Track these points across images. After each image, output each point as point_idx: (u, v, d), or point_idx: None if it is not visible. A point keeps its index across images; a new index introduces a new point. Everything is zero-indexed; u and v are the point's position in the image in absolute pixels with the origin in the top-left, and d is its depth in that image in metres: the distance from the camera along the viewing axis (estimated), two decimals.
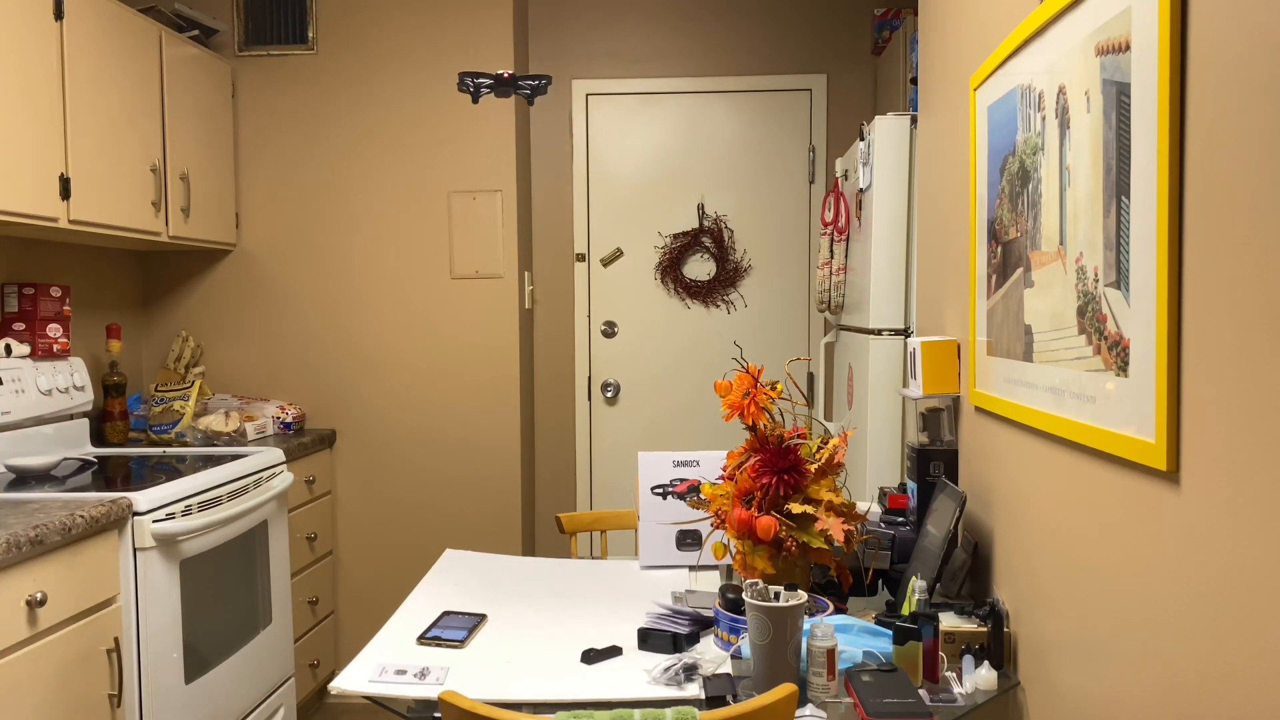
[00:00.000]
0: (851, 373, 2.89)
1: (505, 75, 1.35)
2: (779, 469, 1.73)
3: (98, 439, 3.14)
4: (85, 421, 3.03)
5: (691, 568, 2.07)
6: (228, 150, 3.49)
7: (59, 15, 2.53)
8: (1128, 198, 1.09)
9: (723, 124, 3.93)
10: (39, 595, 1.93)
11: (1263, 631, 0.84)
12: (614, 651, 1.61)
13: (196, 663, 2.49)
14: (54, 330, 2.86)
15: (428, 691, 1.46)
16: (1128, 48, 1.09)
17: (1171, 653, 1.01)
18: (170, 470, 2.63)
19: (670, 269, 3.95)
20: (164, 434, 3.20)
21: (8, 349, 2.70)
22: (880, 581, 1.88)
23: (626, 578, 2.06)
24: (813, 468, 1.76)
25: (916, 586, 1.60)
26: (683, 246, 3.94)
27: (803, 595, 1.47)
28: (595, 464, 4.03)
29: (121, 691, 2.18)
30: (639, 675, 1.52)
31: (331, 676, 3.56)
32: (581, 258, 3.98)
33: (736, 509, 1.73)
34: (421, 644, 1.66)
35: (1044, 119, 1.40)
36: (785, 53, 3.88)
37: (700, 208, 3.94)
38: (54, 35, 2.52)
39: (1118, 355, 1.12)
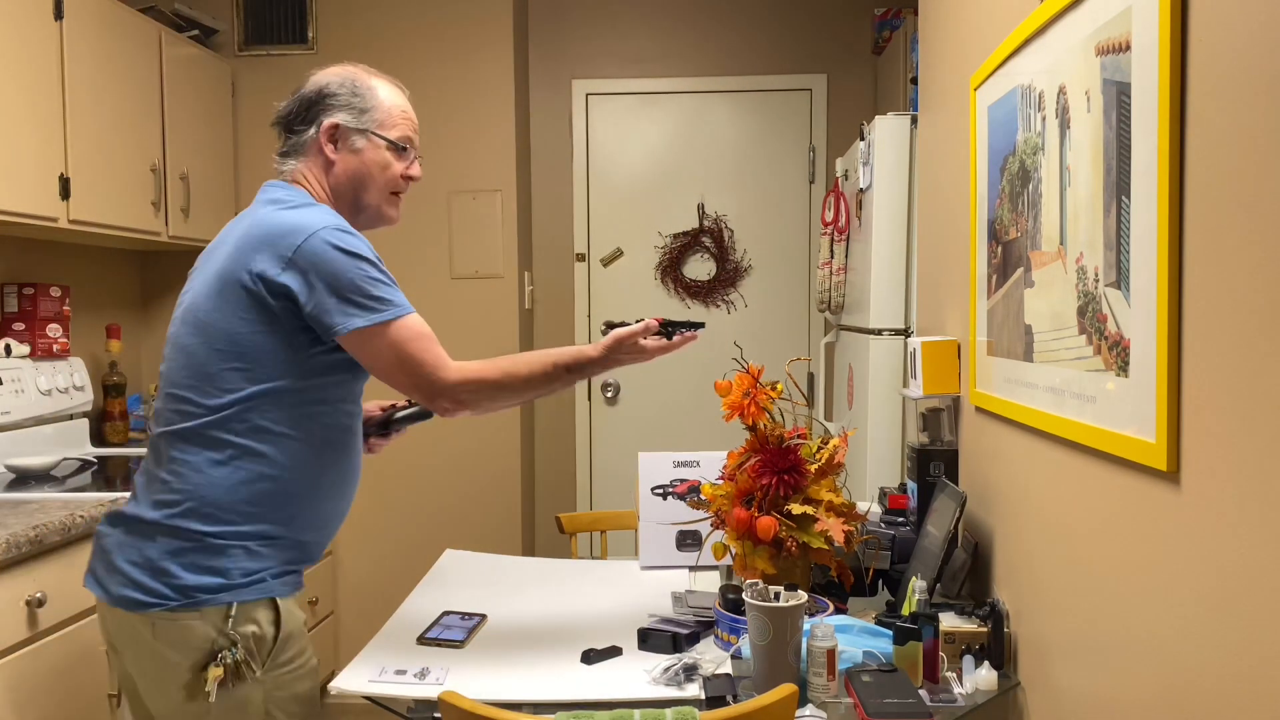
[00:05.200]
0: (851, 373, 2.89)
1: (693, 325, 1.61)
2: (779, 469, 1.73)
3: (97, 439, 3.14)
4: (85, 421, 3.02)
5: (691, 568, 2.07)
6: (228, 150, 3.49)
7: (59, 15, 2.53)
8: (1128, 198, 1.09)
9: (723, 124, 3.93)
10: (39, 595, 1.93)
11: (1263, 631, 0.84)
12: (614, 651, 1.61)
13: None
14: (54, 330, 2.86)
15: (428, 691, 1.46)
16: (1128, 48, 1.09)
17: (1172, 653, 1.01)
18: None
19: (670, 269, 3.95)
20: None
21: (7, 349, 2.70)
22: (880, 581, 1.88)
23: (626, 578, 2.06)
24: (813, 468, 1.76)
25: (916, 586, 1.60)
26: (683, 246, 3.94)
27: (803, 595, 1.47)
28: (595, 464, 4.03)
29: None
30: (639, 675, 1.52)
31: (331, 676, 3.55)
32: (581, 258, 3.98)
33: (736, 509, 1.73)
34: (421, 644, 1.66)
35: (1044, 119, 1.40)
36: (785, 53, 3.88)
37: (700, 208, 3.94)
38: (54, 35, 2.52)
39: (1118, 355, 1.12)
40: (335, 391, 1.52)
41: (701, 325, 1.69)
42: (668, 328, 1.64)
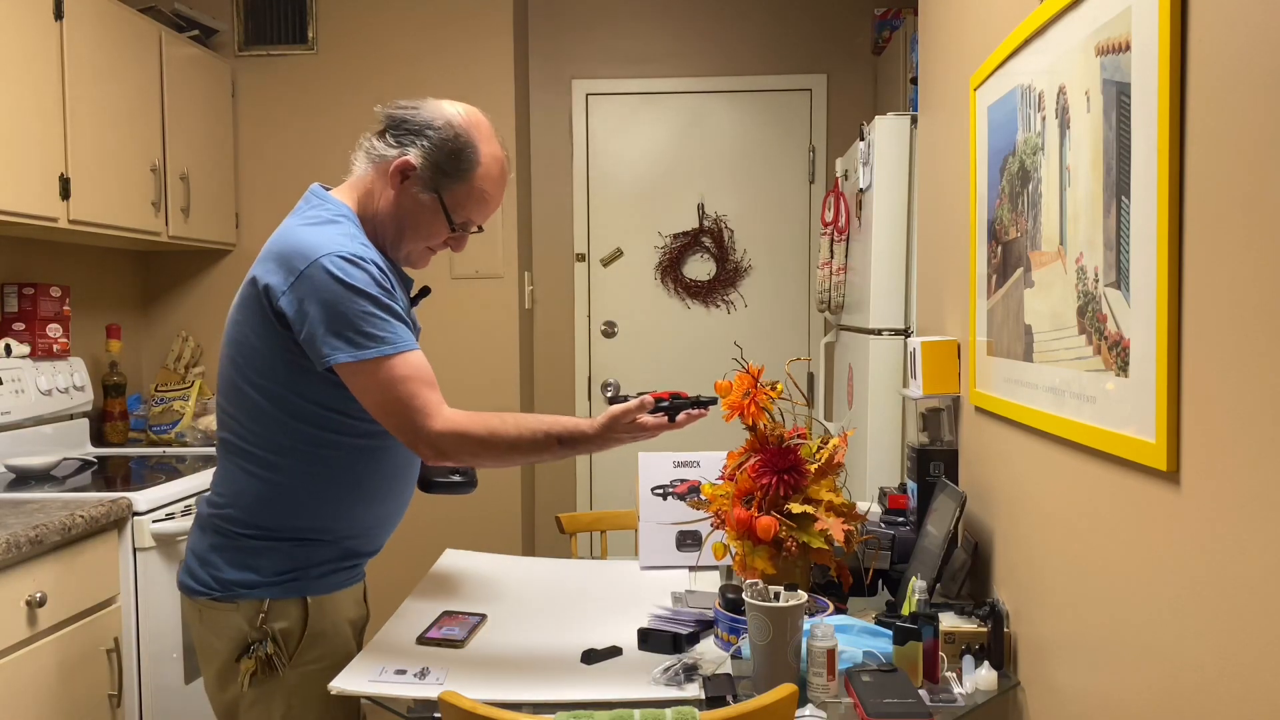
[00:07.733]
0: (851, 373, 2.89)
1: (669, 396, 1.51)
2: (779, 469, 1.73)
3: (98, 439, 3.14)
4: (85, 421, 3.02)
5: (691, 568, 2.07)
6: (228, 150, 3.49)
7: (59, 15, 2.53)
8: (1128, 198, 1.09)
9: (723, 124, 3.92)
10: (39, 595, 1.93)
11: (1263, 631, 0.84)
12: (614, 651, 1.61)
13: (197, 663, 2.49)
14: (54, 330, 2.86)
15: (428, 691, 1.46)
16: (1128, 48, 1.09)
17: (1171, 653, 1.01)
18: (170, 470, 2.63)
19: (670, 269, 3.95)
20: (164, 434, 3.19)
21: (8, 349, 2.70)
22: (880, 581, 1.88)
23: (626, 578, 2.06)
24: (813, 468, 1.76)
25: (916, 586, 1.60)
26: (683, 246, 3.94)
27: (803, 595, 1.47)
28: (595, 464, 4.03)
29: (121, 691, 2.18)
30: (639, 675, 1.52)
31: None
32: (581, 258, 3.98)
33: (736, 509, 1.73)
34: (421, 644, 1.66)
35: (1044, 119, 1.40)
36: (785, 53, 3.88)
37: (700, 208, 3.94)
38: (54, 35, 2.52)
39: (1118, 355, 1.12)
40: (348, 406, 1.52)
41: (713, 401, 1.55)
42: (668, 406, 1.50)
